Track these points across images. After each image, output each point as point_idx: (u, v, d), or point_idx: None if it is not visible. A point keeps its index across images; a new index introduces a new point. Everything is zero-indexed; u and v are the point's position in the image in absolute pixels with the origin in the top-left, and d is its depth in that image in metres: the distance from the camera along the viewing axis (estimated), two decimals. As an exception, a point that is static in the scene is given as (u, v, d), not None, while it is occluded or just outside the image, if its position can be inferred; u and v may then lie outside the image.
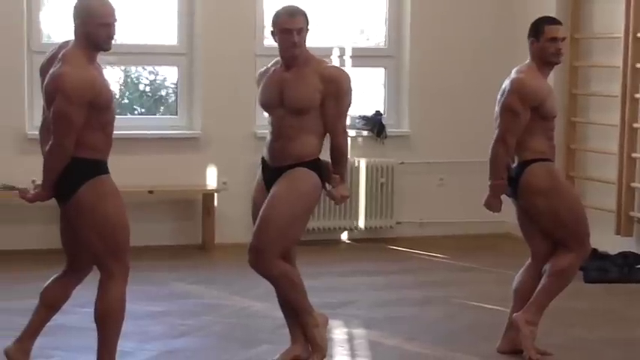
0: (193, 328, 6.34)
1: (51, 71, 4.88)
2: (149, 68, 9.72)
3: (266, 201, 5.27)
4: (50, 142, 4.85)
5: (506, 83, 5.65)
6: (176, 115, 9.38)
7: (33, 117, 8.51)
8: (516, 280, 5.86)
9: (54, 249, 5.31)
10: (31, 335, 5.15)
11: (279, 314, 5.58)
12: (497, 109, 5.67)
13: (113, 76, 9.34)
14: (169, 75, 9.61)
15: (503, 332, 5.86)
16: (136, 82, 9.80)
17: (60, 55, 4.91)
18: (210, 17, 9.05)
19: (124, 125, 8.08)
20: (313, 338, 5.39)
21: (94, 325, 5.00)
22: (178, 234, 9.07)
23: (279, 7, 5.35)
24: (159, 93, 9.86)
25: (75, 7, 4.94)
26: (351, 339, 6.24)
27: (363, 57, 9.70)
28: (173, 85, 9.55)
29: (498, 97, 5.68)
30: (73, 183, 4.89)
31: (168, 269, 8.12)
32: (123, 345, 5.20)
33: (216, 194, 8.98)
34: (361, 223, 9.45)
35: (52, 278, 5.20)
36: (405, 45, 9.65)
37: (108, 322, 4.96)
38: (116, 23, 4.95)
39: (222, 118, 9.09)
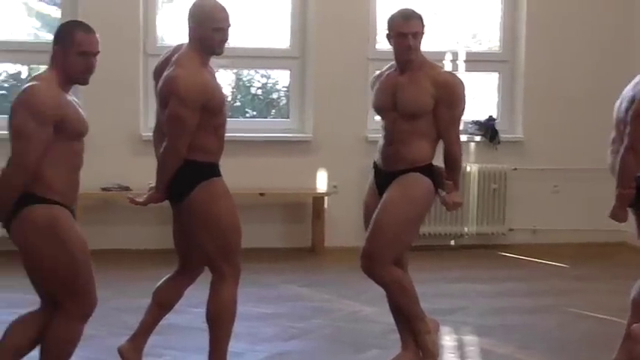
0: (303, 331, 6.36)
1: (165, 74, 4.95)
2: (261, 71, 9.80)
3: (379, 206, 5.25)
4: (164, 145, 4.91)
5: (635, 90, 5.41)
6: (288, 118, 9.44)
7: (147, 119, 8.66)
8: (634, 290, 5.70)
9: (167, 249, 5.38)
10: (143, 334, 5.23)
11: (390, 319, 5.56)
12: (616, 115, 5.50)
13: (225, 79, 9.45)
14: (281, 78, 9.67)
15: (620, 344, 5.73)
16: (247, 85, 9.89)
17: (174, 59, 4.98)
18: (323, 20, 9.08)
19: (235, 128, 8.16)
20: (425, 344, 5.36)
21: (205, 326, 5.06)
22: (288, 237, 9.13)
23: (393, 10, 5.33)
24: (270, 96, 9.94)
25: (190, 11, 5.01)
26: (461, 346, 6.18)
27: (477, 61, 9.63)
28: (285, 89, 9.62)
29: (620, 104, 5.48)
30: (186, 185, 4.94)
31: (279, 272, 8.18)
32: (233, 346, 5.24)
33: (326, 197, 9.01)
34: (472, 229, 9.38)
35: (164, 278, 5.27)
36: (519, 49, 9.55)
37: (219, 322, 5.01)
38: (230, 27, 5.01)
39: (334, 122, 9.12)
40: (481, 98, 9.80)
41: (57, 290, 4.46)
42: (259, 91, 9.93)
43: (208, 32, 4.91)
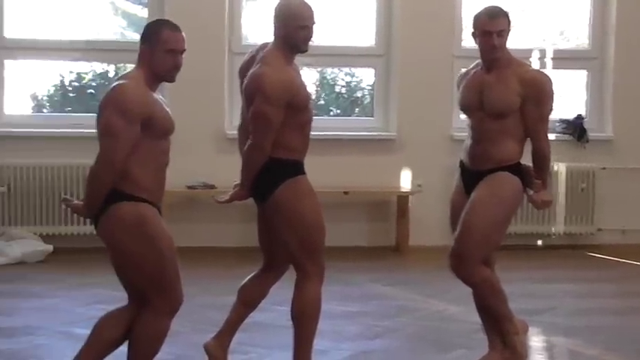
0: (388, 329, 6.35)
1: (250, 72, 4.98)
2: (345, 70, 9.81)
3: (467, 206, 5.21)
4: (249, 142, 4.94)
5: None
6: (372, 116, 9.45)
7: (232, 117, 8.74)
8: None
9: (251, 247, 5.42)
10: (229, 331, 5.27)
11: (476, 318, 5.52)
12: None
13: (310, 78, 9.49)
14: (366, 76, 9.68)
15: None
16: (332, 83, 9.92)
17: (259, 57, 5.02)
18: (409, 18, 9.07)
19: (319, 126, 8.14)
20: (513, 345, 5.31)
21: (290, 323, 5.08)
22: (372, 235, 9.13)
23: (479, 6, 5.29)
24: (355, 94, 9.95)
25: (275, 10, 5.03)
26: (550, 347, 6.12)
27: (565, 59, 9.53)
28: (369, 87, 9.63)
29: None
30: (271, 183, 4.97)
31: (363, 270, 8.18)
32: (318, 344, 5.25)
33: (410, 196, 8.99)
34: (560, 229, 9.29)
35: (249, 276, 5.30)
36: (609, 45, 9.42)
37: (304, 320, 5.02)
38: (315, 25, 5.03)
39: (419, 120, 9.10)
40: (569, 96, 9.69)
41: (144, 286, 4.52)
42: (343, 90, 9.94)
43: (294, 30, 4.93)
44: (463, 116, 5.51)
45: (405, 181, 9.18)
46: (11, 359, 5.52)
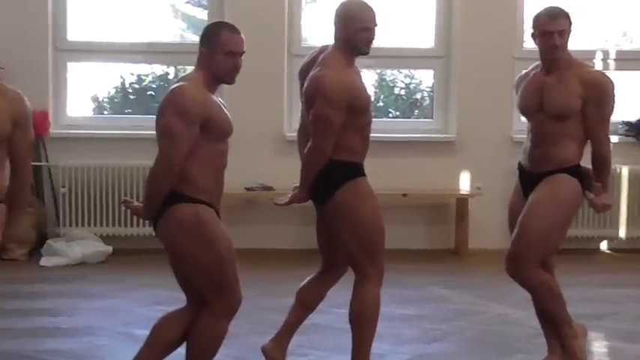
0: (446, 333, 6.32)
1: (311, 74, 4.99)
2: (405, 71, 9.80)
3: (525, 208, 5.18)
4: (309, 145, 4.96)
5: None
6: (431, 118, 9.42)
7: (291, 119, 8.76)
8: None
9: (310, 249, 5.43)
10: (287, 333, 5.28)
11: (536, 323, 5.47)
12: None
13: (369, 80, 9.48)
14: (425, 78, 9.66)
15: None
16: (391, 85, 9.91)
17: (320, 59, 5.02)
18: (469, 19, 9.02)
19: (379, 128, 8.09)
20: (572, 350, 5.26)
21: (348, 326, 5.08)
22: (431, 238, 9.10)
23: (540, 7, 5.26)
24: (414, 96, 9.93)
25: (336, 12, 5.03)
26: (611, 352, 6.05)
27: (628, 60, 9.42)
28: (428, 88, 9.60)
29: None
30: (331, 185, 4.97)
31: (422, 273, 8.16)
32: (376, 347, 5.24)
33: (470, 199, 8.95)
34: (622, 233, 9.18)
35: (308, 278, 5.31)
36: (673, 46, 9.31)
37: (363, 323, 5.02)
38: (376, 27, 5.03)
39: (478, 122, 9.05)
40: (632, 98, 9.57)
41: (203, 288, 4.55)
42: (403, 91, 9.93)
43: (355, 32, 4.93)
44: (523, 118, 5.47)
45: (465, 183, 9.14)
46: (72, 359, 5.59)
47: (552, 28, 5.09)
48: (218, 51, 4.49)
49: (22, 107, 4.35)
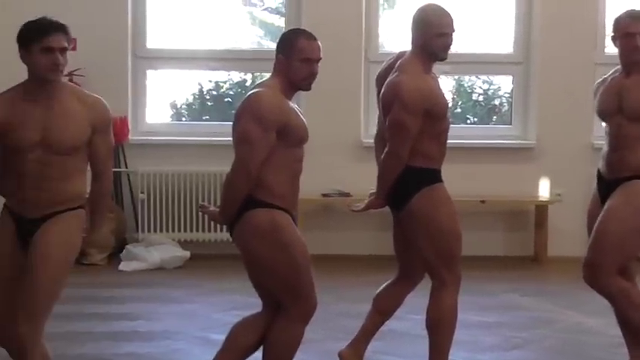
0: (526, 341, 6.25)
1: (388, 80, 4.98)
2: (483, 77, 9.74)
3: (601, 214, 5.09)
4: (385, 151, 4.95)
5: None
6: (510, 124, 9.34)
7: (368, 125, 8.76)
8: None
9: (387, 255, 5.42)
10: (363, 339, 5.27)
11: (617, 332, 5.38)
12: None
13: (447, 85, 9.44)
14: (504, 84, 9.59)
15: None
16: (469, 91, 9.85)
17: (397, 65, 5.01)
18: (549, 24, 8.94)
19: (456, 134, 8.10)
20: (654, 359, 5.18)
21: (425, 333, 5.06)
22: (509, 245, 9.03)
23: (621, 12, 5.19)
24: (492, 102, 9.86)
25: (414, 18, 5.02)
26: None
27: None
28: (507, 94, 9.53)
29: None
30: (408, 191, 4.96)
31: (500, 280, 8.09)
32: (454, 354, 5.21)
33: (549, 206, 8.85)
34: None
35: (384, 285, 5.30)
36: None
37: (440, 330, 5.00)
38: (454, 33, 5.00)
39: (558, 128, 8.96)
40: None
41: (279, 293, 4.56)
42: (481, 97, 9.86)
43: (432, 38, 4.92)
44: (604, 124, 5.39)
45: (544, 190, 9.04)
46: (150, 363, 5.66)
47: (634, 29, 5.02)
48: (295, 58, 4.50)
49: (102, 113, 4.39)
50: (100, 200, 4.53)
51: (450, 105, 5.84)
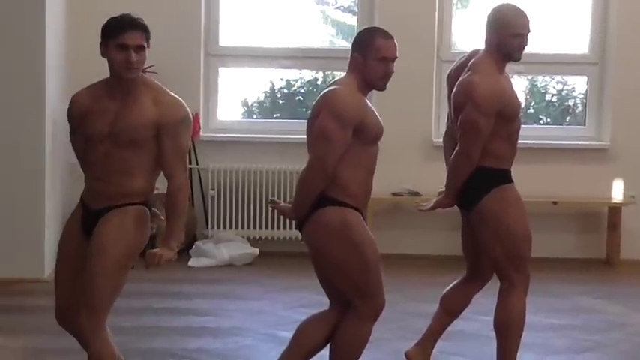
0: (598, 344, 6.17)
1: (460, 79, 4.95)
2: (557, 78, 9.64)
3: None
4: (456, 150, 4.92)
5: None
6: (584, 125, 9.24)
7: (440, 125, 8.72)
8: None
9: (455, 256, 5.40)
10: (431, 339, 5.26)
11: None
12: None
13: (520, 86, 9.36)
14: (578, 84, 9.48)
15: None
16: (542, 91, 9.76)
17: (470, 64, 4.98)
18: (626, 25, 8.81)
19: (529, 135, 8.08)
20: None
21: (492, 334, 5.03)
22: (581, 247, 8.93)
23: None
24: (566, 103, 9.76)
25: (488, 17, 4.98)
26: None
27: None
28: (581, 95, 9.42)
29: None
30: (478, 192, 4.93)
31: (571, 282, 8.00)
32: (523, 356, 5.18)
33: (623, 208, 8.74)
34: None
35: (452, 284, 5.28)
36: None
37: (508, 331, 4.96)
38: (529, 34, 4.96)
39: (633, 130, 8.84)
40: None
41: (348, 291, 4.55)
42: (554, 98, 9.77)
43: (507, 38, 4.89)
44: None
45: (617, 192, 8.93)
46: (217, 358, 5.67)
47: None
48: (371, 57, 4.49)
49: (172, 114, 4.33)
50: (170, 206, 4.38)
51: (522, 105, 5.80)
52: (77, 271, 4.37)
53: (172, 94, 4.42)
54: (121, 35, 4.24)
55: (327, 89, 4.55)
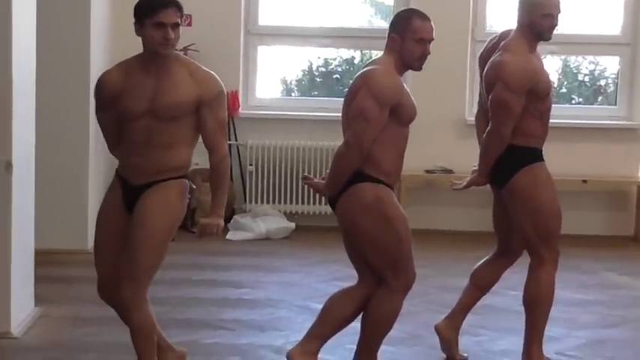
0: (625, 319, 6.13)
1: (492, 59, 4.91)
2: (589, 58, 9.54)
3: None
4: (488, 129, 4.88)
5: None
6: (615, 105, 9.15)
7: (473, 104, 8.65)
8: None
9: (487, 232, 5.37)
10: (460, 313, 5.22)
11: None
12: None
13: (552, 65, 9.28)
14: (610, 65, 9.38)
15: None
16: (575, 71, 9.67)
17: (502, 44, 4.94)
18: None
19: (561, 114, 8.02)
20: None
21: (522, 308, 4.99)
22: (610, 224, 8.87)
23: None
24: (598, 83, 9.66)
25: (521, -3, 4.96)
26: None
27: None
28: (613, 75, 9.33)
29: None
30: (509, 169, 4.90)
31: (600, 259, 7.94)
32: (550, 330, 5.15)
33: (651, 186, 8.69)
34: None
35: (483, 260, 5.24)
36: None
37: (536, 306, 4.92)
38: (559, 14, 4.90)
39: (664, 110, 8.78)
40: None
41: (380, 265, 4.54)
42: (586, 78, 9.67)
43: (538, 18, 4.84)
44: None
45: (646, 171, 8.87)
46: (253, 329, 5.70)
47: None
48: (409, 37, 4.47)
49: (210, 87, 4.34)
50: (214, 175, 4.41)
51: (555, 85, 5.76)
52: (119, 246, 4.37)
53: (205, 68, 4.43)
54: (157, 14, 4.22)
55: (366, 69, 4.53)
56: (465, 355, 5.23)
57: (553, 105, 5.06)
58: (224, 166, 4.42)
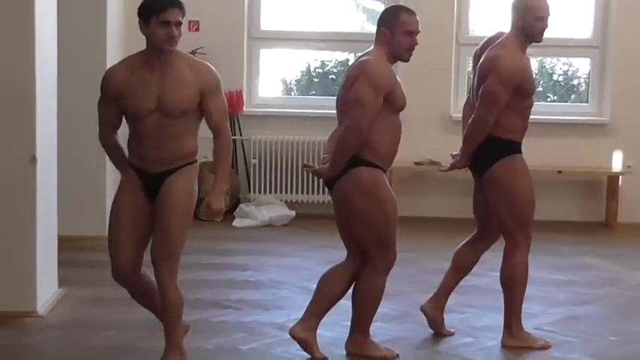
0: (596, 297, 6.15)
1: (487, 52, 4.93)
2: (563, 59, 9.55)
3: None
4: (473, 117, 4.90)
5: None
6: (587, 102, 9.15)
7: (457, 101, 8.67)
8: None
9: (470, 218, 5.37)
10: (444, 294, 5.23)
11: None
12: None
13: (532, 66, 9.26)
14: (582, 66, 9.38)
15: None
16: (550, 72, 9.67)
17: (497, 42, 4.94)
18: (626, 13, 8.74)
19: (538, 111, 7.88)
20: None
21: (501, 288, 5.02)
22: (583, 211, 8.88)
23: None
24: (571, 82, 9.66)
25: (514, 2, 4.96)
26: None
27: None
28: (585, 76, 9.32)
29: None
30: (489, 159, 4.92)
31: (573, 243, 7.94)
32: (529, 307, 5.16)
33: (621, 176, 8.68)
34: None
35: (462, 242, 5.25)
36: None
37: (512, 285, 4.95)
38: (549, 17, 4.92)
39: (631, 107, 8.78)
40: None
41: (368, 243, 4.58)
42: (561, 78, 9.67)
43: (531, 21, 4.87)
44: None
45: (617, 162, 8.86)
46: (257, 308, 5.71)
47: None
48: (397, 30, 4.51)
49: (209, 78, 4.35)
50: (221, 153, 4.41)
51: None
52: (138, 232, 4.37)
53: (200, 60, 4.44)
54: (162, 13, 4.23)
55: (362, 59, 4.55)
56: (452, 330, 5.24)
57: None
58: (230, 145, 4.46)
